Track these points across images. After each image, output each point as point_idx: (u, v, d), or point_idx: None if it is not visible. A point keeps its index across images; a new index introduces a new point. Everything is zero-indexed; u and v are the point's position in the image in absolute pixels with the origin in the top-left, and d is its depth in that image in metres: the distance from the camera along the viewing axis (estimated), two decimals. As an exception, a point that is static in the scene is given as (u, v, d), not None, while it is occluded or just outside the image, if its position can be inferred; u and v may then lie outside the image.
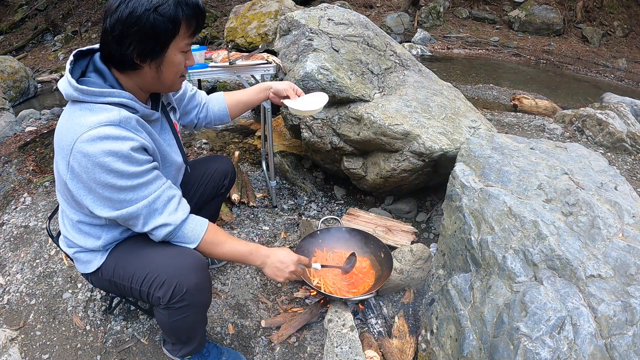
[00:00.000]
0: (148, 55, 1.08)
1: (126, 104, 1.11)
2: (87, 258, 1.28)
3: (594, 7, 9.82)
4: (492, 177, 1.58)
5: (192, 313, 1.25)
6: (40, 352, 1.60)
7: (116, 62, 1.10)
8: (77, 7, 9.46)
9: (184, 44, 1.12)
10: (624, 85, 7.19)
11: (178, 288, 1.16)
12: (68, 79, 1.07)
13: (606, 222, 1.31)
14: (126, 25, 1.02)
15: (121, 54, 1.06)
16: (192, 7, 1.08)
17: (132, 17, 1.02)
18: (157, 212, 1.15)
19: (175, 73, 1.16)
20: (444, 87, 2.60)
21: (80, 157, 1.03)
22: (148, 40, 1.05)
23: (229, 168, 1.73)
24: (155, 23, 1.03)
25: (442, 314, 1.44)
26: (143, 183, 1.11)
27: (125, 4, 1.03)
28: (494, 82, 6.10)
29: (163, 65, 1.11)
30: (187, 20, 1.08)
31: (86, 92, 1.06)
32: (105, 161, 1.03)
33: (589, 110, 3.42)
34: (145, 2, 1.02)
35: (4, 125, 3.95)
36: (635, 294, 1.10)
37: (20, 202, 2.53)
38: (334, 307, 1.72)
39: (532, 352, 1.07)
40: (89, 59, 1.15)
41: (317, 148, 2.40)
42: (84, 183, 1.08)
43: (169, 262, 1.17)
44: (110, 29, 1.04)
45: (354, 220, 2.23)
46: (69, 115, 1.08)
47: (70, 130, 1.05)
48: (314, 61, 2.25)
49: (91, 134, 1.03)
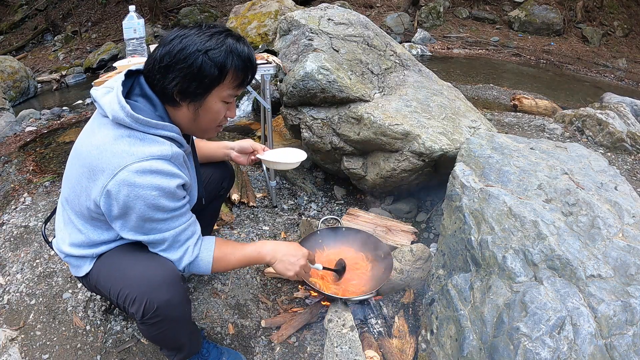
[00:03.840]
0: (189, 95, 1.07)
1: (176, 139, 1.11)
2: (78, 263, 1.27)
3: (594, 7, 9.82)
4: (492, 177, 1.58)
5: (169, 328, 1.22)
6: (40, 352, 1.60)
7: (158, 93, 1.10)
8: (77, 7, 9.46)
9: (226, 93, 1.11)
10: (624, 85, 7.19)
11: (148, 305, 1.12)
12: (121, 103, 1.04)
13: (606, 222, 1.31)
14: (175, 60, 1.03)
15: (163, 86, 1.06)
16: (243, 59, 1.09)
17: (182, 54, 1.02)
18: (178, 244, 1.17)
19: (213, 120, 1.16)
20: (444, 87, 2.60)
21: (124, 186, 1.02)
22: (192, 80, 1.05)
23: (227, 170, 1.71)
24: (202, 65, 1.03)
25: (442, 314, 1.44)
26: (176, 216, 1.13)
27: (179, 39, 1.04)
28: (494, 82, 6.09)
29: (201, 109, 1.11)
30: (234, 71, 1.08)
31: (141, 121, 1.04)
32: (152, 195, 1.04)
33: (589, 110, 3.42)
34: (198, 42, 1.03)
35: (4, 125, 3.95)
36: (635, 294, 1.10)
37: (20, 202, 2.53)
38: (334, 307, 1.72)
39: (532, 352, 1.07)
40: (134, 79, 1.13)
41: (317, 148, 2.40)
42: (118, 208, 1.06)
43: (140, 277, 1.15)
44: (160, 59, 1.04)
45: (354, 220, 2.23)
46: (113, 139, 1.05)
47: (116, 156, 1.03)
48: (314, 61, 2.25)
49: (143, 166, 1.02)
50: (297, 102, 2.38)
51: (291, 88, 2.29)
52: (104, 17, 9.13)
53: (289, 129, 2.62)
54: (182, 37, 1.04)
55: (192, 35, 1.04)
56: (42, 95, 5.96)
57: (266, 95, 2.23)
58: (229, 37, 1.08)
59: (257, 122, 3.80)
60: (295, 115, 2.43)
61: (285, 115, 2.51)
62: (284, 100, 2.44)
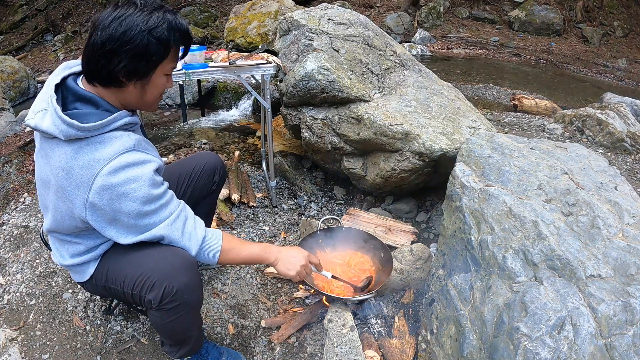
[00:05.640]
0: (136, 74, 1.08)
1: (129, 122, 1.12)
2: (80, 269, 1.29)
3: (594, 7, 9.83)
4: (492, 177, 1.58)
5: (185, 313, 1.25)
6: (40, 352, 1.60)
7: (101, 78, 1.08)
8: (77, 7, 9.45)
9: (169, 67, 1.14)
10: (624, 85, 7.19)
11: (168, 289, 1.16)
12: (66, 121, 1.02)
13: (606, 222, 1.31)
14: (119, 43, 1.02)
15: (109, 70, 1.05)
16: (183, 33, 1.11)
17: (126, 36, 1.02)
18: (178, 232, 1.18)
19: (157, 94, 1.18)
20: (444, 87, 2.60)
21: (103, 191, 1.03)
22: (140, 60, 1.05)
23: (217, 163, 1.68)
24: (148, 45, 1.04)
25: (442, 314, 1.44)
26: (163, 204, 1.14)
27: (119, 21, 1.02)
28: (494, 82, 6.09)
29: (148, 85, 1.13)
30: (176, 46, 1.12)
31: (91, 129, 1.04)
32: (132, 188, 1.05)
33: (589, 110, 3.42)
34: (140, 22, 1.02)
35: (4, 125, 3.95)
36: (635, 294, 1.10)
37: (20, 202, 2.53)
38: (334, 307, 1.72)
39: (532, 352, 1.07)
40: (61, 89, 1.11)
41: (317, 148, 2.40)
42: (106, 216, 1.08)
43: (158, 263, 1.17)
44: (101, 44, 1.02)
45: (354, 220, 2.23)
46: (73, 154, 1.04)
47: (84, 168, 1.03)
48: (314, 61, 2.25)
49: (112, 165, 1.03)
50: (297, 102, 2.38)
51: (291, 88, 2.29)
52: (104, 17, 9.12)
53: (289, 129, 2.62)
54: (121, 18, 1.02)
55: (132, 15, 1.03)
56: (42, 95, 5.95)
57: (266, 95, 2.23)
58: (166, 12, 1.08)
59: (257, 122, 3.80)
60: (295, 115, 2.43)
61: (285, 115, 2.51)
62: (284, 100, 2.44)
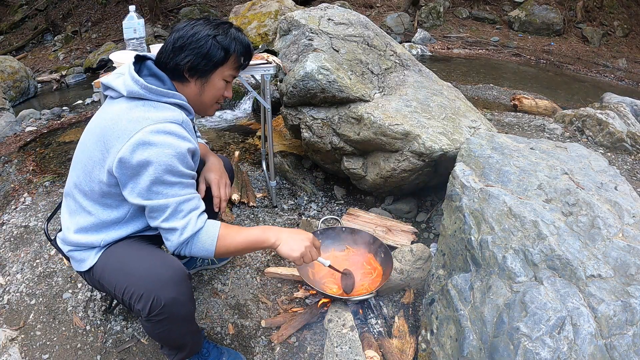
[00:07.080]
0: (197, 72, 1.23)
1: (185, 106, 1.24)
2: (82, 256, 1.28)
3: (594, 7, 9.82)
4: (492, 177, 1.58)
5: (174, 326, 1.24)
6: (40, 352, 1.60)
7: (169, 70, 1.23)
8: (77, 7, 9.46)
9: (228, 73, 1.28)
10: (624, 85, 7.18)
11: (155, 302, 1.15)
12: (134, 77, 1.17)
13: (606, 222, 1.31)
14: (187, 41, 1.20)
15: (176, 63, 1.21)
16: (244, 46, 1.28)
17: (194, 37, 1.20)
18: (182, 213, 1.18)
19: (215, 97, 1.31)
20: (444, 87, 2.60)
21: (140, 145, 1.10)
22: (202, 59, 1.21)
23: (225, 166, 1.68)
24: (211, 47, 1.21)
25: (442, 314, 1.44)
26: (183, 184, 1.18)
27: (190, 26, 1.22)
28: (494, 82, 6.09)
29: (207, 84, 1.27)
30: (236, 55, 1.27)
31: (154, 91, 1.18)
32: (163, 152, 1.11)
33: (589, 110, 3.42)
34: (208, 29, 1.22)
35: (4, 125, 3.95)
36: (635, 294, 1.10)
37: (20, 202, 2.53)
38: (334, 307, 1.72)
39: (532, 352, 1.07)
40: (141, 64, 1.27)
41: (317, 148, 2.40)
42: (132, 169, 1.12)
43: (148, 274, 1.17)
44: (173, 41, 1.21)
45: (354, 220, 2.23)
46: (127, 109, 1.16)
47: (132, 122, 1.12)
48: (314, 61, 2.25)
49: (158, 127, 1.12)
50: (297, 102, 2.38)
51: (291, 88, 2.29)
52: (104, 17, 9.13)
53: (289, 129, 2.62)
54: (193, 25, 1.22)
55: (202, 24, 1.23)
56: (42, 95, 5.96)
57: (266, 95, 2.23)
58: (232, 27, 1.27)
59: (257, 122, 3.80)
60: (295, 115, 2.43)
61: (285, 115, 2.51)
62: (284, 100, 2.44)
